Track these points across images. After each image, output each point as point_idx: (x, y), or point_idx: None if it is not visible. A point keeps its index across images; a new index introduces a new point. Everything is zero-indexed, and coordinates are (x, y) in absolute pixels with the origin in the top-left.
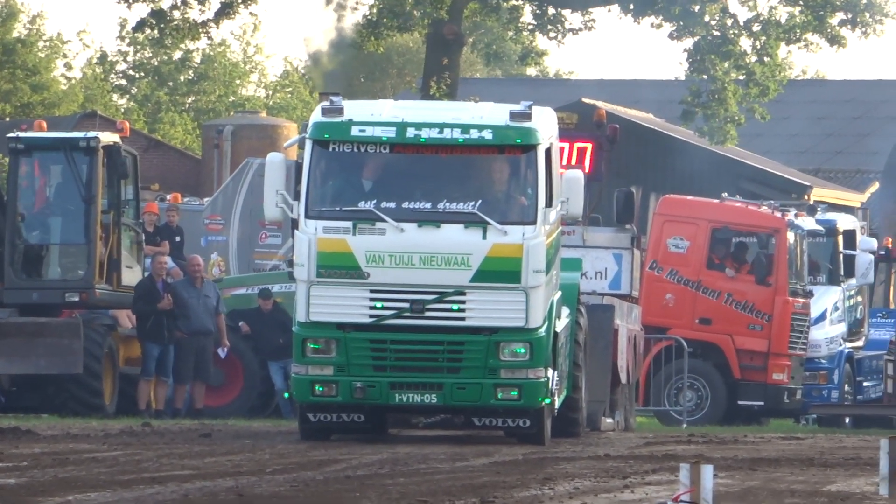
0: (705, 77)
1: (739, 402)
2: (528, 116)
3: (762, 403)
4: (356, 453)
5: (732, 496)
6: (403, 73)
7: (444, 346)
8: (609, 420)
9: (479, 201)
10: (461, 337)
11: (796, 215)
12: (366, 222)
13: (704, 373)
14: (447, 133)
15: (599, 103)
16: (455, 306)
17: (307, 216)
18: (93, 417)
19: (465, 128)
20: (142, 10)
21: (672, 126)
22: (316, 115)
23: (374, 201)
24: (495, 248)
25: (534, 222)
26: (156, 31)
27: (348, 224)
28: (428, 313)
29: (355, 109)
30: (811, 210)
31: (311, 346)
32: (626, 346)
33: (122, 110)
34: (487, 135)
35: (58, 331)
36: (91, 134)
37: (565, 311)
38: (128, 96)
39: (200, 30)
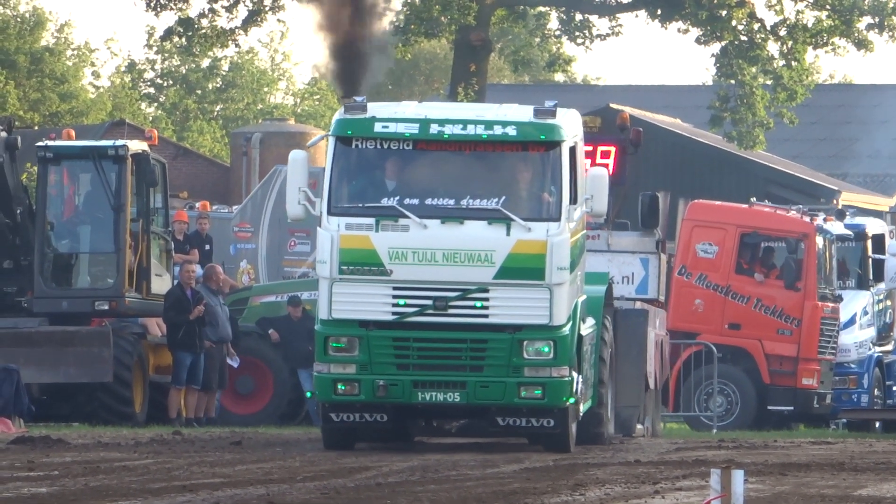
0: (733, 82)
1: (769, 407)
2: (552, 114)
3: (792, 408)
4: (386, 460)
5: (763, 501)
6: (431, 79)
7: (467, 344)
8: (640, 426)
9: (503, 198)
10: (484, 335)
11: (825, 220)
12: (389, 219)
13: (734, 378)
14: (470, 129)
15: (627, 109)
16: (478, 303)
17: (330, 213)
18: (123, 426)
19: (489, 124)
20: (170, 19)
21: (700, 131)
22: (339, 113)
23: (397, 198)
24: (519, 245)
25: (558, 219)
26: (184, 39)
27: (371, 221)
28: (451, 310)
29: (379, 108)
30: (840, 214)
31: (334, 344)
32: (653, 351)
33: (151, 118)
34: (511, 131)
35: (87, 339)
36: (120, 142)
37: (590, 321)
38: (156, 104)
39: (228, 37)
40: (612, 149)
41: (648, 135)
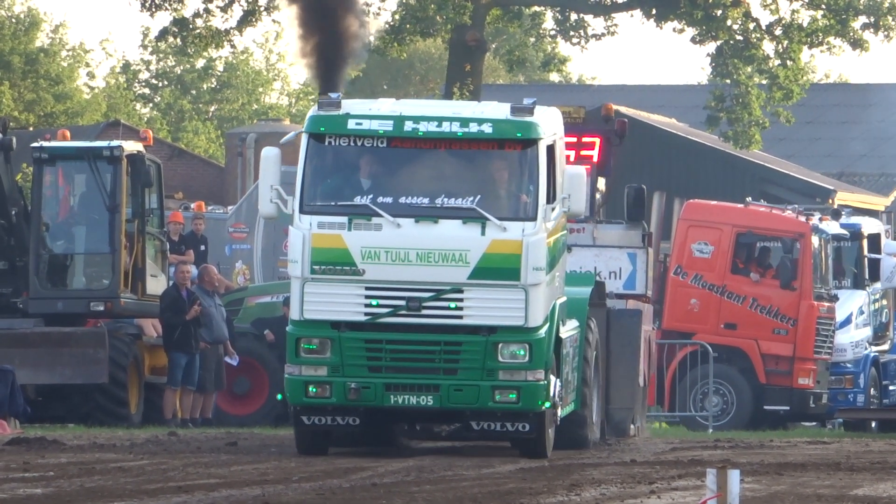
0: (728, 81)
1: (765, 407)
2: (530, 111)
3: (788, 408)
4: (382, 461)
5: (759, 501)
6: (426, 79)
7: (440, 346)
8: (631, 426)
9: (478, 196)
10: (458, 337)
11: (821, 219)
12: (361, 217)
13: (730, 378)
14: (446, 126)
15: (623, 108)
16: (452, 304)
17: (302, 211)
18: (118, 427)
19: (465, 121)
20: (164, 19)
21: (695, 131)
22: (313, 110)
23: (371, 196)
24: (494, 245)
25: (534, 218)
26: (178, 40)
27: (343, 219)
28: (424, 311)
29: (354, 105)
30: (836, 214)
31: (305, 345)
32: (643, 348)
33: (146, 119)
34: (487, 128)
35: (83, 340)
36: (115, 143)
37: (573, 322)
38: (151, 105)
39: (223, 38)
40: (597, 140)
41: (644, 134)
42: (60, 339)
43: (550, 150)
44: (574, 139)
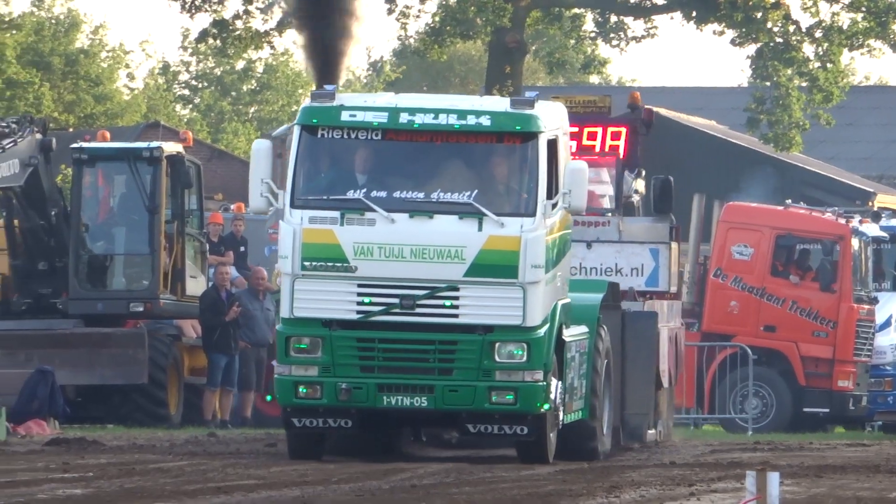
0: (768, 83)
1: (805, 410)
2: (530, 104)
3: (827, 410)
4: (421, 462)
5: (798, 503)
6: (466, 81)
7: (435, 346)
8: (651, 431)
9: (476, 191)
10: (454, 336)
11: (860, 222)
12: (354, 212)
13: (769, 380)
14: (442, 119)
15: (663, 110)
16: (448, 302)
17: (293, 206)
18: (158, 427)
19: (462, 113)
20: (204, 21)
21: (735, 133)
22: (306, 101)
23: (364, 190)
24: (491, 241)
25: (533, 214)
26: (218, 41)
27: (336, 214)
28: (419, 309)
29: (349, 97)
30: (875, 216)
31: (295, 345)
32: (667, 347)
33: (185, 120)
34: (486, 121)
35: (122, 341)
36: (154, 144)
37: (580, 328)
38: (191, 106)
39: (263, 39)
40: (623, 129)
41: (684, 137)
42: (100, 340)
43: (552, 144)
44: (600, 129)
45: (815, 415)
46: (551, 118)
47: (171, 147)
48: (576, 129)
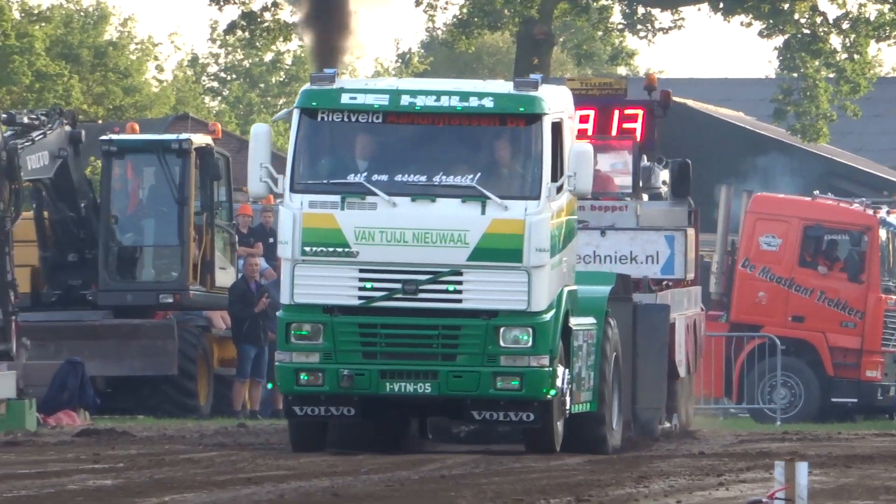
0: (796, 75)
1: (833, 400)
2: (534, 86)
3: (856, 400)
4: (450, 452)
5: (827, 493)
6: (495, 73)
7: (439, 331)
8: (667, 425)
9: (479, 174)
10: (458, 321)
11: (888, 212)
12: (355, 196)
13: (798, 370)
14: (444, 101)
15: (690, 101)
16: (451, 287)
17: (292, 190)
18: (188, 418)
19: (465, 95)
20: (233, 13)
21: (763, 124)
22: (306, 85)
23: (365, 174)
24: (495, 225)
25: (537, 197)
26: (247, 33)
27: (336, 198)
28: (421, 295)
29: (349, 80)
30: None
31: (296, 331)
32: (683, 336)
33: (214, 112)
34: (488, 103)
35: (152, 332)
36: (183, 136)
37: (588, 319)
38: (219, 98)
39: (291, 31)
40: (640, 112)
41: (712, 128)
42: (130, 331)
43: (556, 127)
44: (616, 111)
45: (843, 405)
46: (555, 101)
47: (199, 139)
48: (591, 112)
